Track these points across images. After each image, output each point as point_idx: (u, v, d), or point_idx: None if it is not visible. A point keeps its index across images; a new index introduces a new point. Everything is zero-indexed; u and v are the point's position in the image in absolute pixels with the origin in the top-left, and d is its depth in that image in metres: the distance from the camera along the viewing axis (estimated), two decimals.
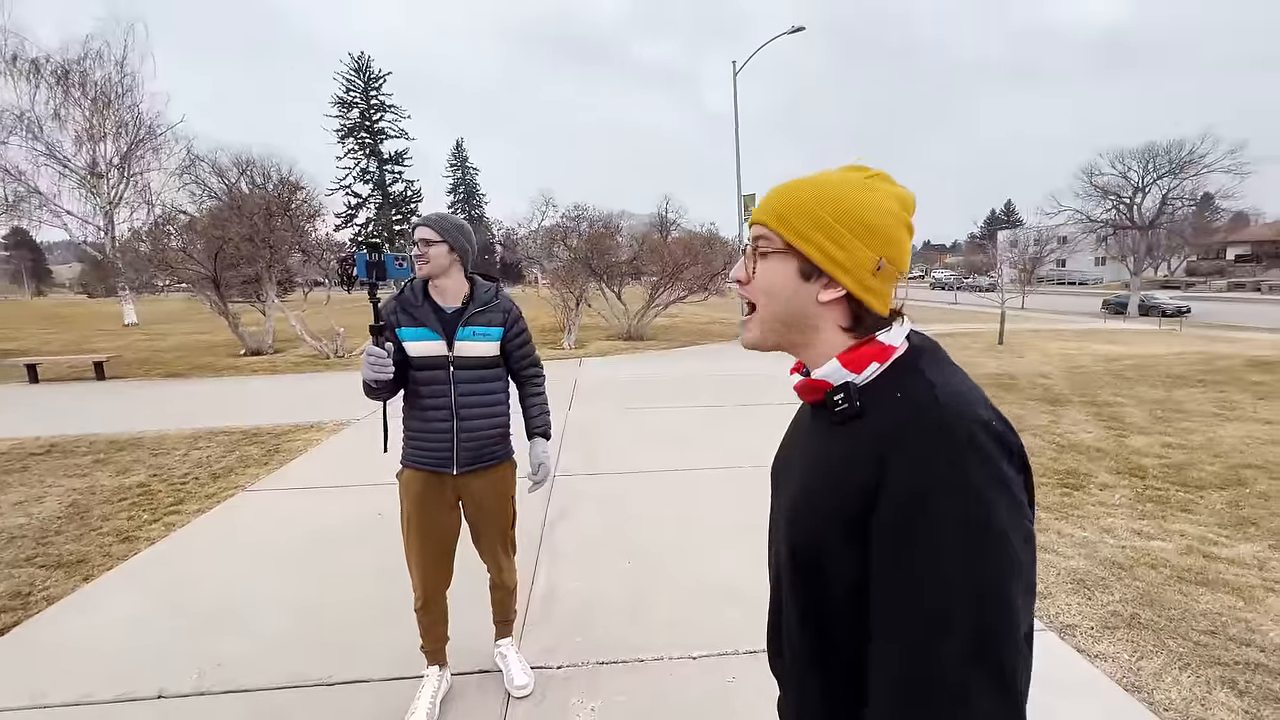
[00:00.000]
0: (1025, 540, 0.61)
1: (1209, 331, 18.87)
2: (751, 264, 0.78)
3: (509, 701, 2.13)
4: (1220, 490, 4.02)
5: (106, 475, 4.74)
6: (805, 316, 0.76)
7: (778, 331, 0.78)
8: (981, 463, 0.62)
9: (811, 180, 0.76)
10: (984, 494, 0.60)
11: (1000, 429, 0.65)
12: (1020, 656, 0.61)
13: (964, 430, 0.63)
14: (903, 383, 0.70)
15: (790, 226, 0.74)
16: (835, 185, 0.74)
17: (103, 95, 19.94)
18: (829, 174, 0.77)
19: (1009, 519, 0.60)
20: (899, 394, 0.69)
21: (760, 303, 0.78)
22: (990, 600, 0.59)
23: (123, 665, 2.35)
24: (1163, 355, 10.33)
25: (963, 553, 0.59)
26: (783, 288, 0.76)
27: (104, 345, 14.04)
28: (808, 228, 0.73)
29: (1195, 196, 32.03)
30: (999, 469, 0.62)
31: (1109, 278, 49.90)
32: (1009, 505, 0.61)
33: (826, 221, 0.72)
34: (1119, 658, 2.31)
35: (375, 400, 1.91)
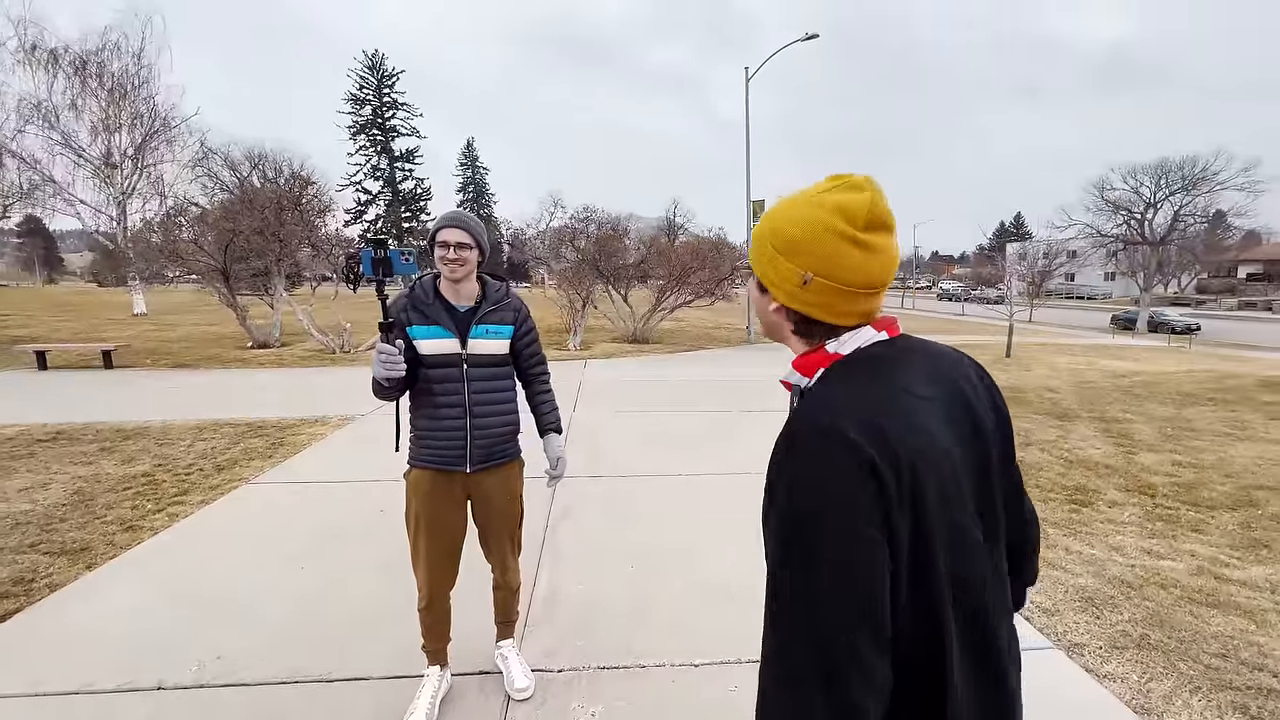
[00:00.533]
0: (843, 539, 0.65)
1: (1219, 350, 18.73)
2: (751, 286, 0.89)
3: (509, 704, 2.11)
4: (1232, 511, 3.97)
5: (112, 464, 4.76)
6: (771, 323, 0.87)
7: (766, 330, 0.90)
8: (806, 463, 0.69)
9: (782, 200, 0.83)
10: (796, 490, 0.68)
11: (855, 438, 0.67)
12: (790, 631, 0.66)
13: (800, 434, 0.71)
14: (815, 394, 0.78)
15: (751, 249, 0.85)
16: (784, 204, 0.81)
17: (119, 86, 20.08)
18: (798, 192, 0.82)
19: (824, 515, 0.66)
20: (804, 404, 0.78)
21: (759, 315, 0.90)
22: (793, 557, 0.67)
23: (123, 655, 2.35)
24: (1173, 373, 10.25)
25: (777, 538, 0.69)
26: (754, 299, 0.89)
27: (113, 334, 14.12)
28: (755, 248, 0.84)
29: (1207, 213, 31.85)
30: (823, 470, 0.67)
31: (1118, 293, 49.63)
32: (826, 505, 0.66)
33: (763, 241, 0.81)
34: (1128, 678, 2.28)
35: (383, 399, 1.89)
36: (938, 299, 56.96)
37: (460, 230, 1.84)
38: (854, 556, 0.65)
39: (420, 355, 1.86)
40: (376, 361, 1.75)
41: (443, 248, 1.84)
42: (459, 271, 1.86)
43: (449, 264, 1.84)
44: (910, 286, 62.11)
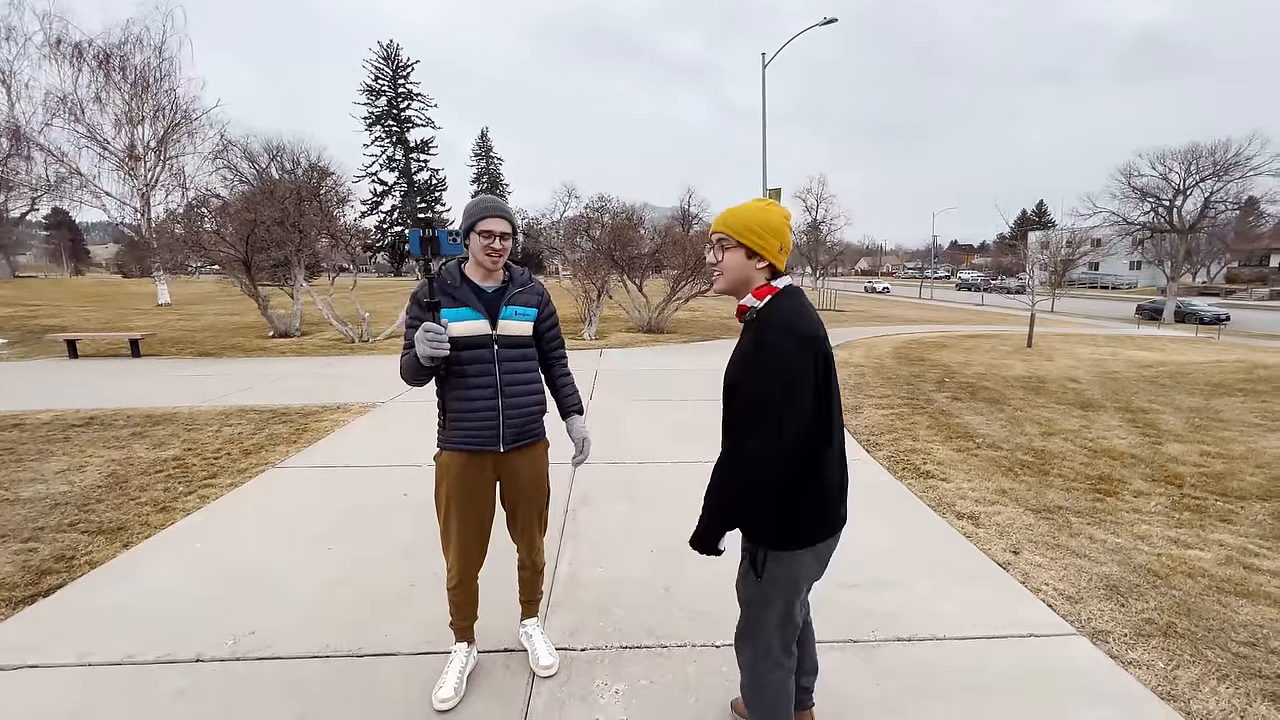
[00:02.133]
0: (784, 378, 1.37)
1: (1249, 340, 18.24)
2: (719, 253, 1.54)
3: (534, 680, 2.15)
4: (1262, 501, 3.89)
5: (143, 448, 4.89)
6: (748, 276, 1.52)
7: (734, 284, 1.53)
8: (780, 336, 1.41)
9: (740, 208, 1.52)
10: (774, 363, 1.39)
11: (806, 331, 1.42)
12: (769, 420, 1.38)
13: (784, 327, 1.42)
14: (775, 306, 1.47)
15: (739, 233, 1.49)
16: (754, 209, 1.51)
17: (142, 79, 20.39)
18: (749, 204, 1.54)
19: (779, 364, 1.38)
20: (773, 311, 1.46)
21: (725, 273, 1.54)
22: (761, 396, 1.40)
23: (162, 629, 2.43)
24: (1200, 363, 10.02)
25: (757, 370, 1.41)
26: (734, 265, 1.52)
27: (139, 323, 14.45)
28: (747, 232, 1.48)
29: (1239, 200, 30.86)
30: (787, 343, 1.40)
31: (1144, 282, 48.47)
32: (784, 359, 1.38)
33: (756, 229, 1.48)
34: (1154, 665, 2.26)
35: (416, 384, 1.92)
36: (956, 289, 56.07)
37: (503, 220, 1.87)
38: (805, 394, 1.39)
39: (451, 337, 1.87)
40: (422, 341, 1.77)
41: (486, 237, 1.86)
42: (500, 260, 1.90)
43: (492, 253, 1.87)
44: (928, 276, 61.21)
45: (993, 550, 3.16)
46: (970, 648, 2.36)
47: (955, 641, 2.37)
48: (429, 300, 1.81)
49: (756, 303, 1.48)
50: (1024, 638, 2.42)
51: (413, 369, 1.88)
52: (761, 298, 1.47)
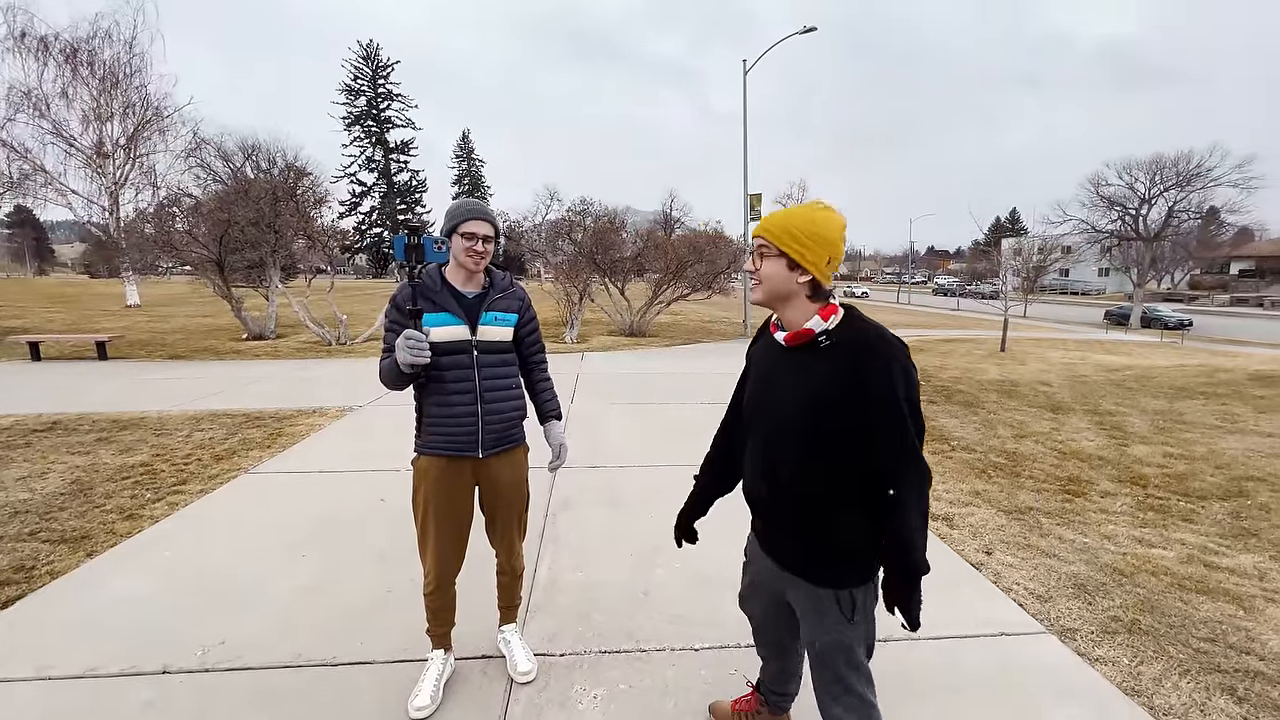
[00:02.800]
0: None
1: (1211, 345, 18.88)
2: (758, 260, 1.37)
3: (512, 687, 2.13)
4: (1222, 501, 4.03)
5: (109, 453, 4.75)
6: (789, 290, 1.35)
7: (772, 296, 1.38)
8: (903, 351, 1.28)
9: (788, 213, 1.35)
10: (910, 368, 1.28)
11: (902, 342, 1.30)
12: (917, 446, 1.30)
13: (899, 343, 1.29)
14: (856, 326, 1.33)
15: (781, 240, 1.32)
16: (804, 215, 1.33)
17: (111, 75, 19.83)
18: (799, 208, 1.35)
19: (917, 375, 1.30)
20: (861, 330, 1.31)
21: (764, 282, 1.37)
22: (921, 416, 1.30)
23: (127, 640, 2.36)
24: (1164, 367, 10.34)
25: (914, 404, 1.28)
26: (777, 275, 1.35)
27: (107, 325, 14.04)
28: (791, 241, 1.31)
29: (1201, 210, 31.99)
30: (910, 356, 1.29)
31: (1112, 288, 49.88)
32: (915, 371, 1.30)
33: (801, 238, 1.31)
34: (1119, 662, 2.32)
35: (395, 388, 1.91)
36: (933, 294, 57.11)
37: (486, 222, 1.88)
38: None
39: (430, 343, 1.85)
40: (403, 348, 1.75)
41: (469, 239, 1.85)
42: (482, 263, 1.90)
43: (474, 255, 1.87)
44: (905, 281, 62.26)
45: (966, 551, 3.22)
46: (943, 647, 2.40)
47: (928, 641, 2.41)
48: (411, 308, 1.79)
49: (825, 325, 1.32)
50: (995, 637, 2.47)
51: (392, 374, 1.87)
52: (828, 318, 1.33)
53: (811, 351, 1.33)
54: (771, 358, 1.45)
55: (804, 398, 1.33)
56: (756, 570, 1.64)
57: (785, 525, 1.45)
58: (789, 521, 1.43)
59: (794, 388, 1.35)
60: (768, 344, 1.49)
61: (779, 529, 1.48)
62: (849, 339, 1.30)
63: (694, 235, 16.45)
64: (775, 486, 1.42)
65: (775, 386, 1.41)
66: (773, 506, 1.46)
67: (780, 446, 1.39)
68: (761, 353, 1.52)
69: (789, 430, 1.36)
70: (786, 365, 1.39)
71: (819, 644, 1.43)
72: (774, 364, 1.43)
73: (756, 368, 1.53)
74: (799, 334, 1.34)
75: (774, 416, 1.41)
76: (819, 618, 1.41)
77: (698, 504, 1.81)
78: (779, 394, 1.39)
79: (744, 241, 16.08)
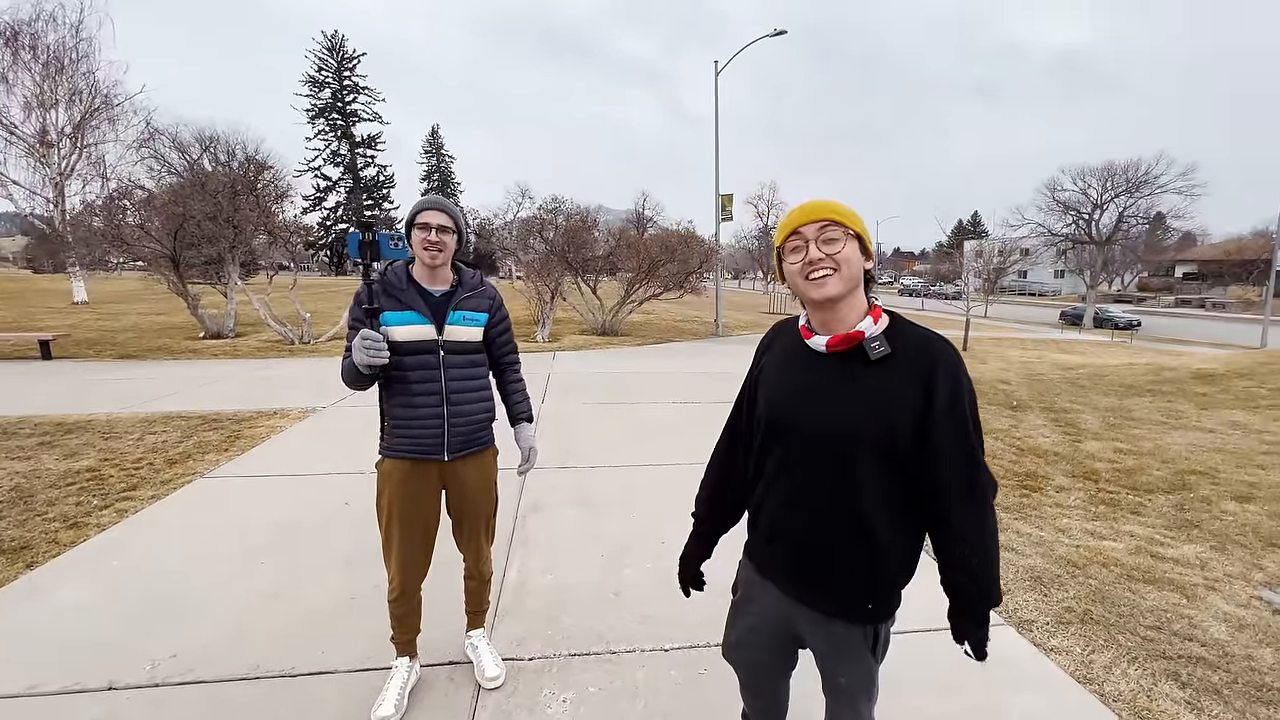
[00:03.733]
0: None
1: (1158, 344, 19.80)
2: (832, 245, 1.16)
3: (479, 693, 2.10)
4: (1167, 494, 4.22)
5: (53, 458, 4.52)
6: (859, 280, 1.20)
7: (849, 283, 1.17)
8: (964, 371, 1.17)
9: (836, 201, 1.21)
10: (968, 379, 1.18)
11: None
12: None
13: (955, 349, 1.19)
14: (908, 330, 1.20)
15: (850, 219, 1.19)
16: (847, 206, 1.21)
17: (55, 60, 18.91)
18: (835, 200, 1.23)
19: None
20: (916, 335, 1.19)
21: (843, 269, 1.17)
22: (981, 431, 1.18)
23: (71, 655, 2.25)
24: (1115, 366, 10.80)
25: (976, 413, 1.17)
26: (855, 259, 1.18)
27: (51, 323, 13.34)
28: (859, 226, 1.19)
29: (1149, 215, 33.56)
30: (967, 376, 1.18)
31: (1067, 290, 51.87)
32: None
33: (862, 224, 1.20)
34: (1072, 651, 2.41)
35: (356, 389, 1.86)
36: (899, 294, 58.49)
37: (440, 213, 1.82)
38: None
39: (395, 342, 1.81)
40: (359, 348, 1.70)
41: (423, 230, 1.80)
42: (439, 257, 1.83)
43: (430, 247, 1.81)
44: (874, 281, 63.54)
45: (929, 547, 3.30)
46: (907, 640, 2.44)
47: (893, 636, 2.45)
48: (368, 306, 1.74)
49: (876, 328, 1.17)
50: None
51: (351, 374, 1.81)
52: (878, 319, 1.18)
53: (860, 359, 1.16)
54: (806, 366, 1.24)
55: (858, 412, 1.15)
56: (761, 612, 1.40)
57: (824, 559, 1.24)
58: (830, 554, 1.23)
59: (844, 400, 1.17)
60: (797, 350, 1.27)
61: (814, 563, 1.26)
62: (905, 344, 1.15)
63: (666, 234, 16.51)
64: (815, 515, 1.23)
65: (817, 399, 1.20)
66: (809, 537, 1.25)
67: (826, 469, 1.19)
68: (787, 360, 1.29)
69: (838, 450, 1.17)
70: (830, 375, 1.20)
71: (845, 680, 1.31)
72: (811, 374, 1.23)
73: (784, 377, 1.29)
74: (848, 338, 1.16)
75: (818, 434, 1.20)
76: (851, 657, 1.29)
77: (703, 545, 1.53)
78: (823, 408, 1.19)
79: (714, 241, 16.19)
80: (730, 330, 15.83)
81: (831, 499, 1.20)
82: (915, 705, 2.10)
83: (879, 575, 1.24)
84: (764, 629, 1.41)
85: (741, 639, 1.47)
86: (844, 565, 1.23)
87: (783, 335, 1.35)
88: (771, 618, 1.38)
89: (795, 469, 1.24)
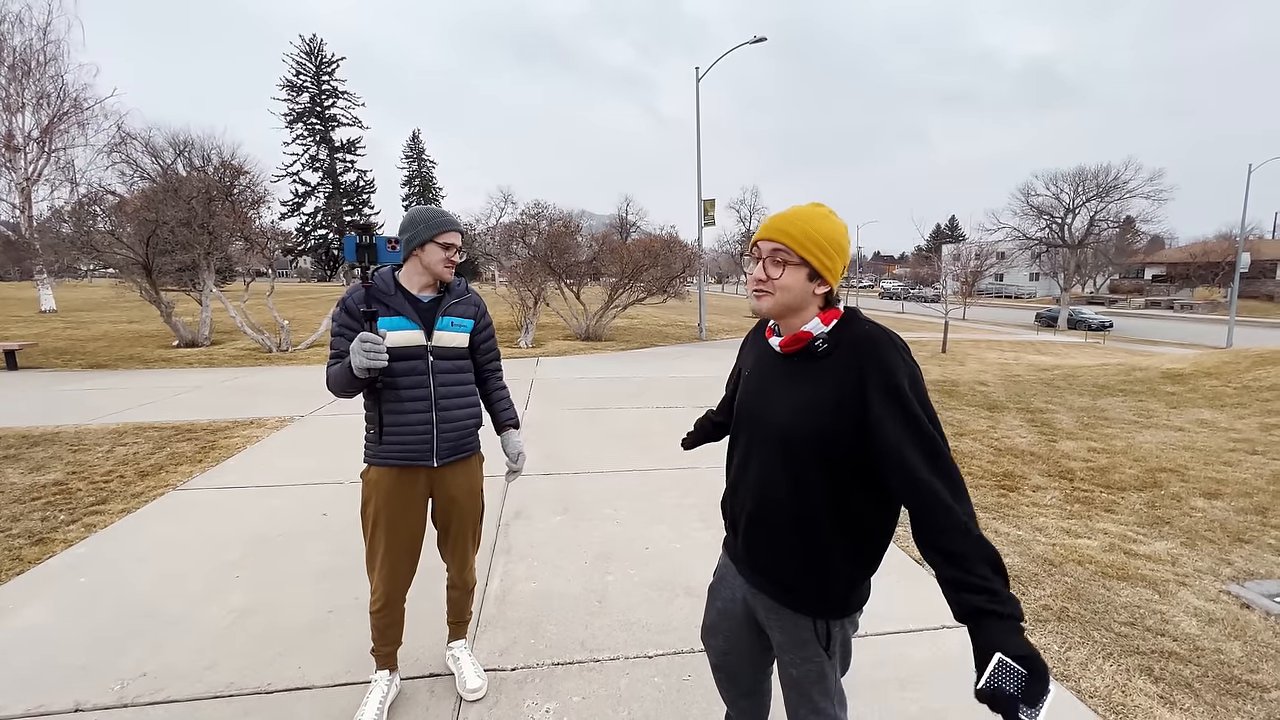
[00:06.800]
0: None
1: (1129, 345, 20.30)
2: (775, 269, 1.19)
3: (461, 705, 2.07)
4: (1139, 492, 4.32)
5: (17, 472, 4.37)
6: (804, 303, 1.21)
7: (784, 309, 1.22)
8: (907, 352, 1.15)
9: (804, 213, 1.20)
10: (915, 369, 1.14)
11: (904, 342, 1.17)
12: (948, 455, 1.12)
13: (896, 339, 1.16)
14: (855, 327, 1.19)
15: (803, 246, 1.17)
16: (818, 218, 1.19)
17: (22, 63, 18.41)
18: (809, 209, 1.21)
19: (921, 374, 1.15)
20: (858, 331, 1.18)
21: (778, 294, 1.20)
22: (936, 420, 1.10)
23: (34, 677, 2.17)
24: (1089, 366, 11.04)
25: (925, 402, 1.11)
26: (796, 287, 1.19)
27: (17, 332, 12.96)
28: (815, 248, 1.17)
29: (1119, 219, 34.51)
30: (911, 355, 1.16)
31: (1041, 292, 53.00)
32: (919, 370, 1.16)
33: (825, 245, 1.17)
34: (1049, 648, 2.45)
35: (345, 395, 1.84)
36: (879, 297, 59.29)
37: (459, 233, 1.91)
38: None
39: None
40: (358, 351, 1.68)
41: (447, 249, 1.87)
42: (450, 269, 1.91)
43: (450, 266, 1.90)
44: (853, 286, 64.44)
45: (909, 548, 3.34)
46: (888, 641, 2.47)
47: (874, 637, 2.48)
48: (366, 310, 1.73)
49: (824, 328, 1.19)
50: (937, 630, 2.57)
51: (342, 380, 1.78)
52: (828, 322, 1.20)
53: (807, 356, 1.21)
54: (765, 365, 1.32)
55: (798, 405, 1.19)
56: (730, 594, 1.46)
57: (770, 545, 1.29)
58: (775, 541, 1.28)
59: (788, 396, 1.22)
60: (761, 350, 1.34)
61: (762, 548, 1.31)
62: (846, 339, 1.17)
63: (650, 239, 16.54)
64: (763, 503, 1.28)
65: (768, 397, 1.27)
66: (758, 524, 1.31)
67: (771, 461, 1.25)
68: (755, 359, 1.37)
69: (781, 443, 1.22)
70: (781, 373, 1.26)
71: (796, 672, 1.33)
72: (768, 373, 1.30)
73: (750, 375, 1.37)
74: (795, 338, 1.21)
75: (765, 428, 1.26)
76: (797, 646, 1.30)
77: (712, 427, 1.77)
78: (772, 404, 1.26)
79: (697, 246, 16.27)
80: (713, 334, 15.90)
81: (781, 492, 1.23)
82: (898, 704, 2.11)
83: (826, 570, 1.23)
84: (730, 614, 1.46)
85: (714, 623, 1.53)
86: (790, 557, 1.25)
87: (760, 335, 1.40)
88: (739, 600, 1.43)
89: (752, 461, 1.31)
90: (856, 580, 1.25)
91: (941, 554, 1.03)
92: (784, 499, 1.23)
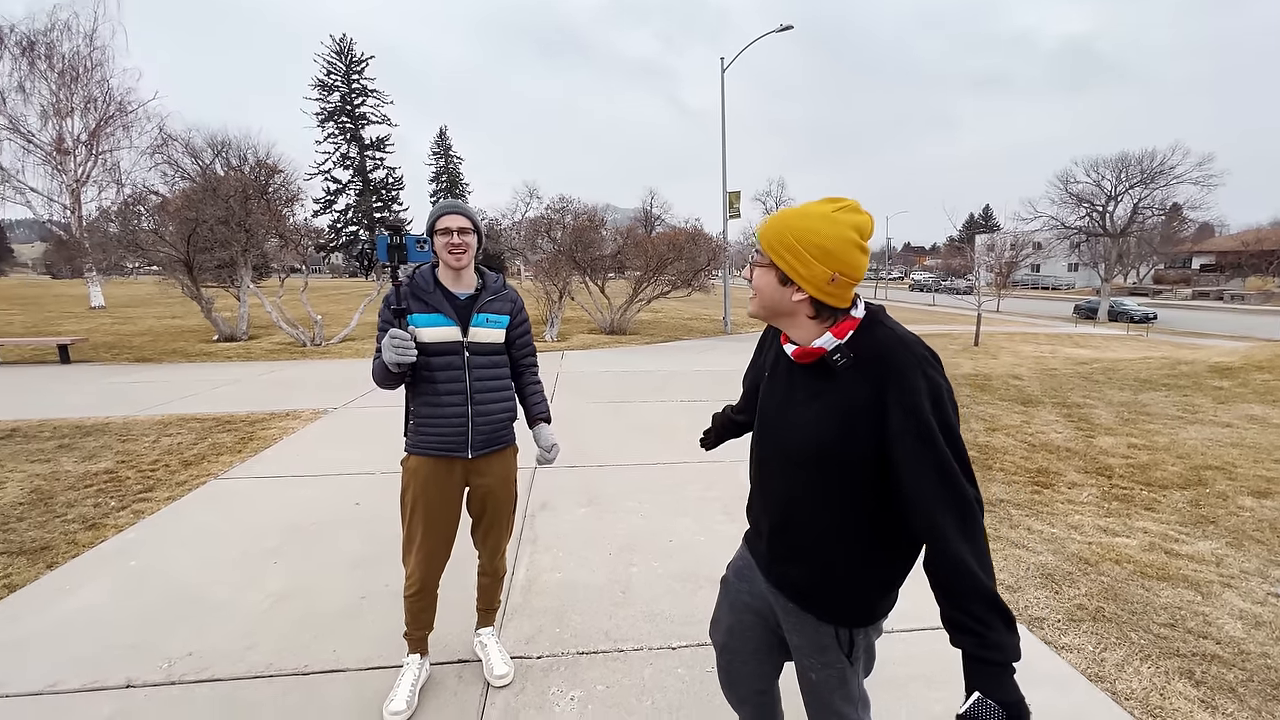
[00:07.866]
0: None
1: (1174, 338, 19.49)
2: (752, 272, 1.18)
3: (488, 691, 2.12)
4: (1182, 490, 4.16)
5: (71, 461, 4.60)
6: (783, 308, 1.15)
7: (767, 312, 1.19)
8: (930, 364, 1.07)
9: (792, 213, 1.12)
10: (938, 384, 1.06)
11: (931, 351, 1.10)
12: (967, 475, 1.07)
13: (919, 349, 1.08)
14: (878, 337, 1.11)
15: (773, 249, 1.12)
16: (806, 218, 1.09)
17: (71, 69, 19.22)
18: (807, 207, 1.12)
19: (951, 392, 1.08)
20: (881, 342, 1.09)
21: (756, 296, 1.19)
22: (957, 438, 1.05)
23: (89, 654, 2.29)
24: (1130, 360, 10.64)
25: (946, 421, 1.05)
26: (768, 289, 1.15)
27: (69, 328, 13.59)
28: (783, 250, 1.10)
29: (1164, 206, 32.99)
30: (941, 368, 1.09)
31: (1080, 283, 51.18)
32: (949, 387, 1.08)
33: (795, 247, 1.09)
34: (1084, 649, 2.39)
35: (387, 388, 1.92)
36: (910, 289, 58.03)
37: (458, 215, 1.89)
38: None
39: (422, 343, 1.87)
40: (389, 347, 1.76)
41: (445, 234, 1.87)
42: (463, 259, 1.90)
43: (453, 250, 1.88)
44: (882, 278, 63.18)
45: None
46: (918, 639, 2.44)
47: (903, 634, 2.45)
48: (396, 306, 1.80)
49: (838, 341, 1.11)
50: None
51: (381, 373, 1.88)
52: (843, 335, 1.11)
53: (825, 370, 1.13)
54: (784, 374, 1.25)
55: (816, 418, 1.14)
56: (747, 587, 1.42)
57: (794, 555, 1.26)
58: (800, 553, 1.25)
59: (805, 409, 1.17)
60: (779, 352, 1.26)
61: (786, 556, 1.28)
62: (866, 351, 1.09)
63: (674, 232, 16.47)
64: (787, 518, 1.26)
65: (786, 406, 1.22)
66: (781, 534, 1.28)
67: (793, 477, 1.21)
68: (774, 360, 1.30)
69: (801, 461, 1.18)
70: (800, 386, 1.19)
71: (816, 677, 1.29)
72: (787, 384, 1.23)
73: (770, 380, 1.31)
74: (807, 352, 1.14)
75: (784, 440, 1.22)
76: (818, 651, 1.27)
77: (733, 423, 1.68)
78: (790, 420, 1.20)
79: (723, 239, 16.16)
80: (739, 327, 15.79)
81: (805, 508, 1.20)
82: (926, 702, 2.09)
83: (852, 582, 1.20)
84: (746, 607, 1.43)
85: (719, 616, 1.52)
86: (815, 569, 1.22)
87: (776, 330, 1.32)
88: (759, 595, 1.39)
89: (774, 476, 1.27)
90: (884, 591, 1.22)
91: (940, 588, 1.04)
92: (807, 515, 1.20)
